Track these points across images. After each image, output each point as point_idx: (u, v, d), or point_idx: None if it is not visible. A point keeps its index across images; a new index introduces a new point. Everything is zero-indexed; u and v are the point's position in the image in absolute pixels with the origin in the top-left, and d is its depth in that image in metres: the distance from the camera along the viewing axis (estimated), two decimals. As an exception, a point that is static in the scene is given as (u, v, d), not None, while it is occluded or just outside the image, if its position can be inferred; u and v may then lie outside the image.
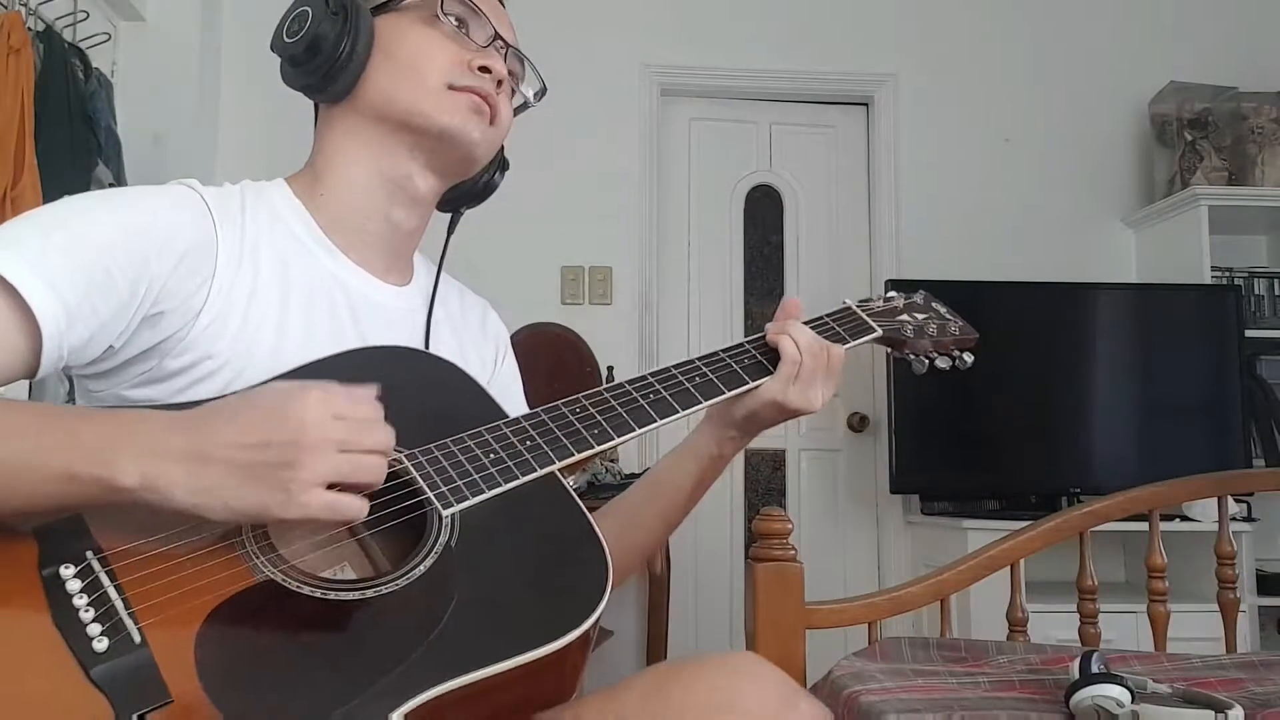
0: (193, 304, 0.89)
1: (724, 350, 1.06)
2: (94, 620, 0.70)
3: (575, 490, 0.94)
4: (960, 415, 3.12)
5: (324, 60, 0.99)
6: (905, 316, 1.19)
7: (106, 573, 0.73)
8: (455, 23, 1.01)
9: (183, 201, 0.93)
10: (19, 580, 0.72)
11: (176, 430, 0.74)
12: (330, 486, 0.75)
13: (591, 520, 0.90)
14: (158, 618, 0.71)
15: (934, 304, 1.23)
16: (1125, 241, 3.59)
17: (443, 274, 1.14)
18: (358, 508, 0.76)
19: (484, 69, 1.00)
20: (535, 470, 0.89)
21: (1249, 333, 3.23)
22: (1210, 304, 3.23)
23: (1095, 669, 1.21)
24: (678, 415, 0.99)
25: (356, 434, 0.76)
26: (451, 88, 0.99)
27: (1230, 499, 1.90)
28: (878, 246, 3.55)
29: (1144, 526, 1.86)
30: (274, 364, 0.91)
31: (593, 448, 0.93)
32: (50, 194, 2.41)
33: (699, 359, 1.05)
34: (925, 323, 1.19)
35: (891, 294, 1.24)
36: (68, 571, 0.72)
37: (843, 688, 1.37)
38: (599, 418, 0.96)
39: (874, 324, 1.15)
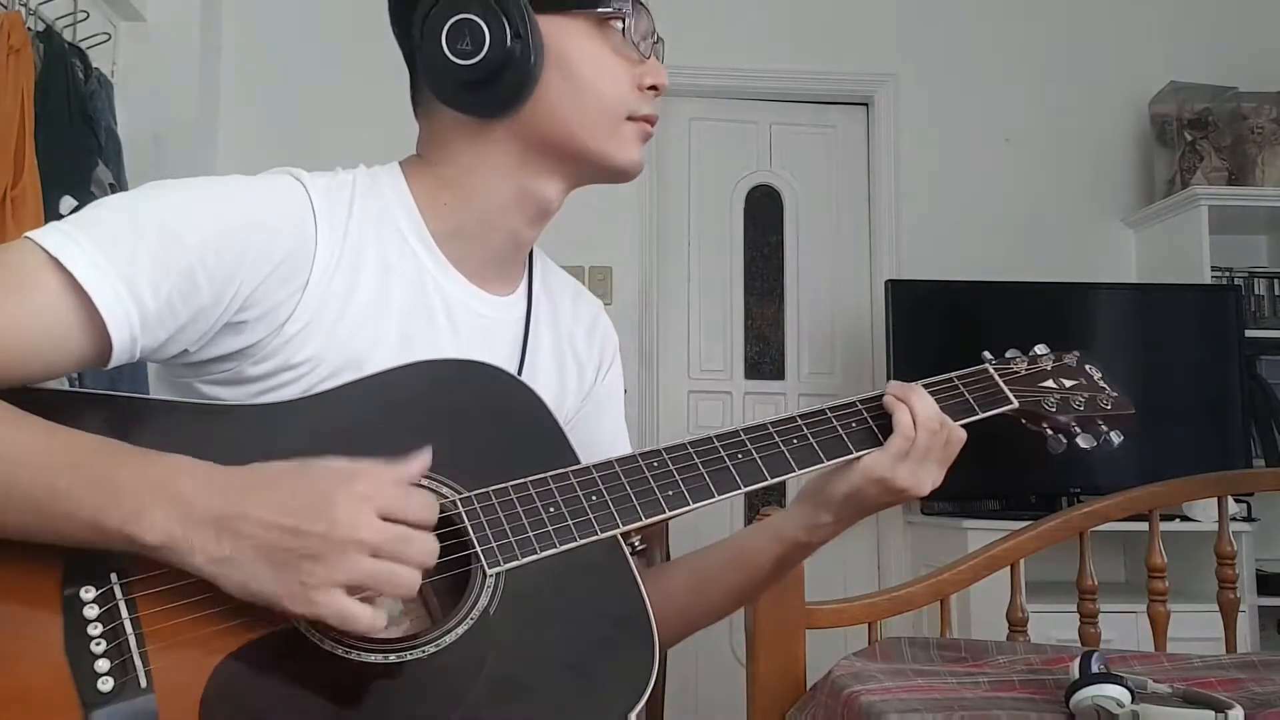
0: (279, 314, 0.84)
1: (831, 409, 0.94)
2: (104, 654, 0.67)
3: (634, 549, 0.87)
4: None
5: (508, 87, 0.89)
6: (1050, 383, 1.04)
7: (127, 602, 0.70)
8: (620, 26, 0.92)
9: (288, 200, 0.86)
10: (40, 596, 0.69)
11: (211, 494, 0.70)
12: (355, 590, 0.70)
13: (645, 597, 0.82)
14: (170, 660, 0.68)
15: (1088, 368, 1.08)
16: (1125, 241, 3.59)
17: (556, 270, 1.08)
18: (369, 621, 0.69)
19: (653, 88, 0.94)
20: (596, 533, 0.82)
21: (1249, 333, 3.23)
22: (1210, 304, 3.23)
23: (1095, 669, 1.21)
24: (765, 483, 0.89)
25: (394, 544, 0.70)
26: (630, 118, 0.93)
27: (1230, 499, 1.90)
28: (878, 246, 3.55)
29: (1144, 526, 1.86)
30: (359, 373, 0.86)
31: (664, 513, 0.84)
32: (50, 194, 2.41)
33: (800, 416, 0.93)
34: (1072, 392, 1.04)
35: (1040, 350, 1.08)
36: (88, 594, 0.69)
37: (843, 688, 1.37)
38: (677, 477, 0.86)
39: (1011, 394, 1.01)
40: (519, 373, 0.97)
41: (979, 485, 3.16)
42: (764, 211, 3.63)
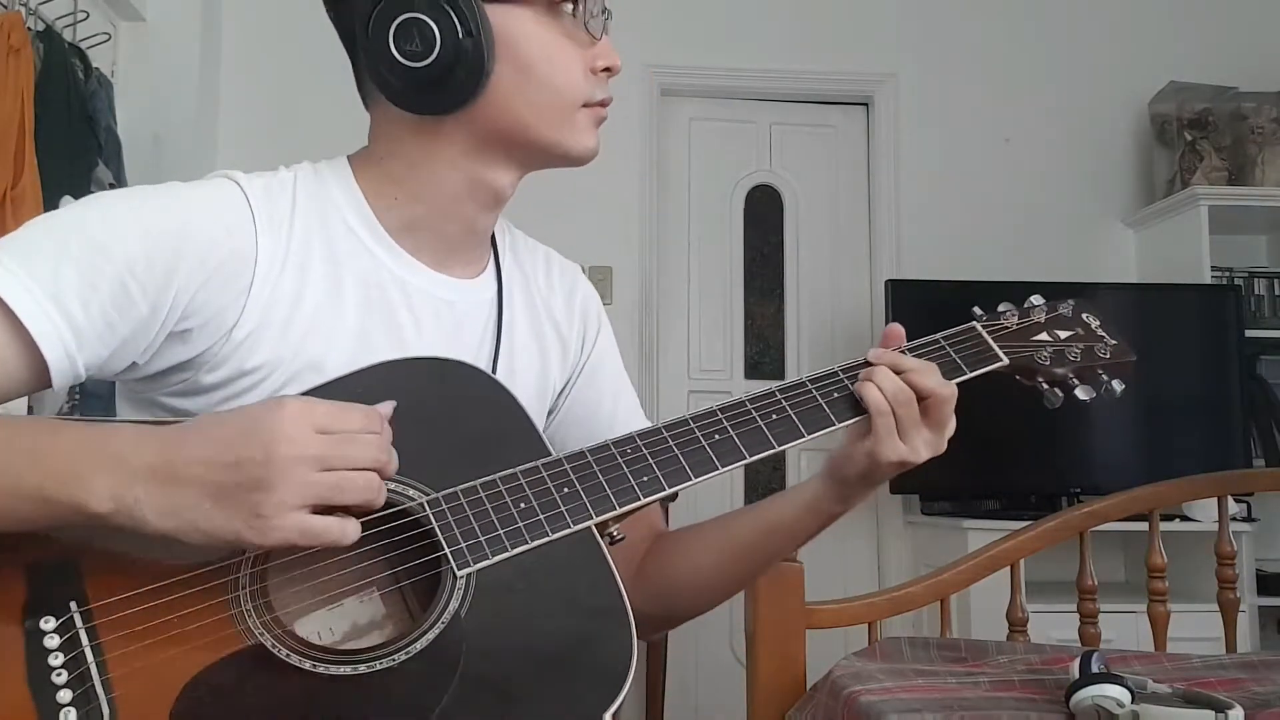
0: (225, 319, 0.82)
1: (810, 379, 0.91)
2: (65, 685, 0.66)
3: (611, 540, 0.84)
4: (960, 415, 3.12)
5: (459, 85, 0.85)
6: (1044, 336, 1.00)
7: (87, 629, 0.69)
8: (571, 9, 0.88)
9: (221, 203, 0.84)
10: (1, 630, 0.68)
11: (146, 447, 0.69)
12: (319, 510, 0.69)
13: (621, 586, 0.79)
14: (133, 686, 0.67)
15: (1084, 316, 1.03)
16: (1125, 241, 3.59)
17: (525, 240, 1.05)
18: (339, 530, 0.69)
19: (607, 70, 0.90)
20: (568, 526, 0.79)
21: (1249, 333, 3.23)
22: (1210, 304, 3.23)
23: (1095, 669, 1.21)
24: (744, 461, 0.86)
25: (339, 448, 0.69)
26: (585, 105, 0.90)
27: (1230, 499, 1.90)
28: (878, 246, 3.55)
29: (1144, 526, 1.86)
30: (319, 375, 0.84)
31: (639, 499, 0.82)
32: (50, 194, 2.40)
33: (779, 389, 0.90)
34: (1068, 343, 0.99)
35: (1035, 301, 1.03)
36: (48, 625, 0.68)
37: (843, 688, 1.37)
38: (651, 462, 0.83)
39: (1000, 351, 0.97)
40: (495, 354, 0.95)
41: (979, 485, 3.16)
42: (764, 211, 3.63)
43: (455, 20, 0.83)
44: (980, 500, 3.19)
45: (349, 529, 0.70)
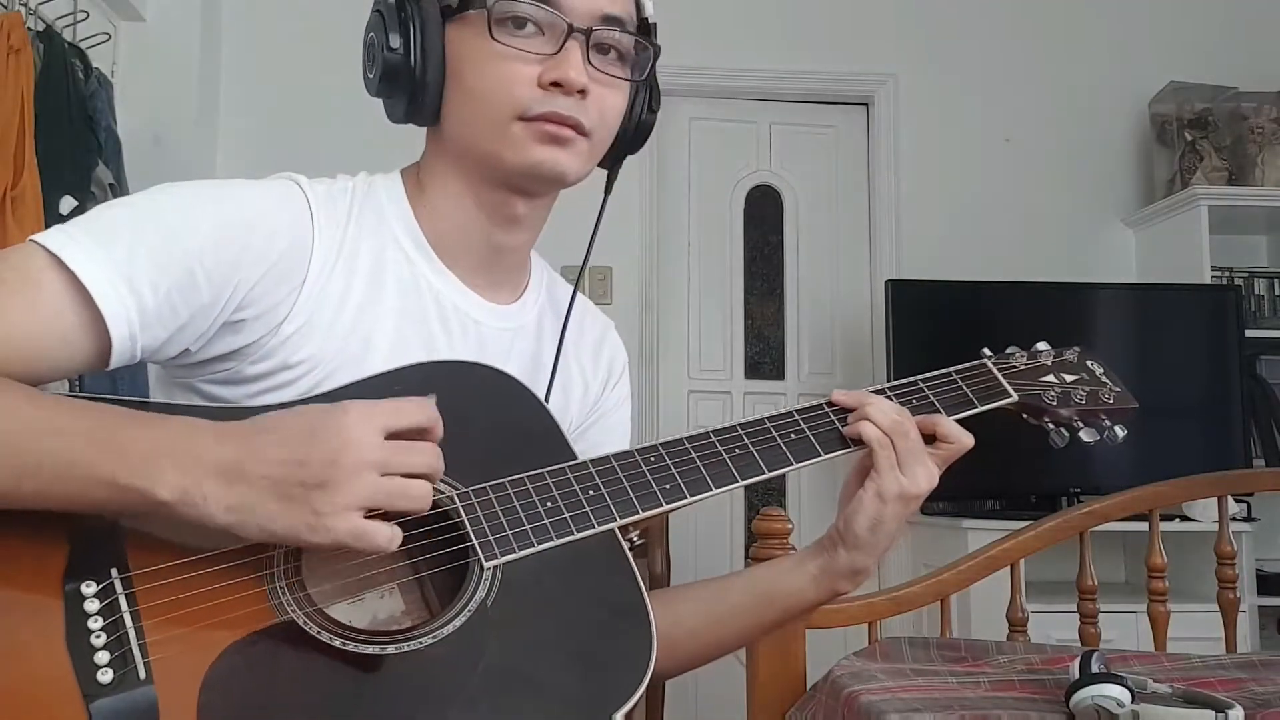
0: (277, 313, 0.86)
1: (828, 404, 0.95)
2: (104, 647, 0.68)
3: (633, 546, 0.87)
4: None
5: (410, 101, 0.91)
6: (1051, 378, 1.03)
7: (127, 595, 0.71)
8: (514, 28, 0.87)
9: (285, 204, 0.88)
10: (42, 591, 0.70)
11: (221, 443, 0.72)
12: (371, 512, 0.71)
13: (643, 587, 0.83)
14: (169, 651, 0.70)
15: (1089, 363, 1.07)
16: (1125, 241, 3.59)
17: (562, 284, 1.09)
18: (387, 536, 0.71)
19: (556, 84, 0.87)
20: (593, 526, 0.82)
21: (1249, 333, 3.23)
22: (1210, 304, 3.23)
23: (1095, 669, 1.21)
24: (763, 476, 0.90)
25: (399, 454, 0.73)
26: (522, 118, 0.88)
27: (1230, 499, 1.90)
28: (878, 246, 3.55)
29: (1144, 526, 1.86)
30: (356, 374, 0.88)
31: (661, 506, 0.85)
32: (50, 194, 2.41)
33: (797, 411, 0.94)
34: (1073, 387, 1.03)
35: (1041, 347, 1.07)
36: (89, 589, 0.70)
37: (843, 688, 1.37)
38: (674, 471, 0.87)
39: (1010, 388, 1.01)
40: (546, 394, 0.98)
41: (979, 485, 3.16)
42: (764, 211, 3.63)
43: (386, 39, 0.89)
44: (980, 500, 3.19)
45: (396, 537, 0.72)
